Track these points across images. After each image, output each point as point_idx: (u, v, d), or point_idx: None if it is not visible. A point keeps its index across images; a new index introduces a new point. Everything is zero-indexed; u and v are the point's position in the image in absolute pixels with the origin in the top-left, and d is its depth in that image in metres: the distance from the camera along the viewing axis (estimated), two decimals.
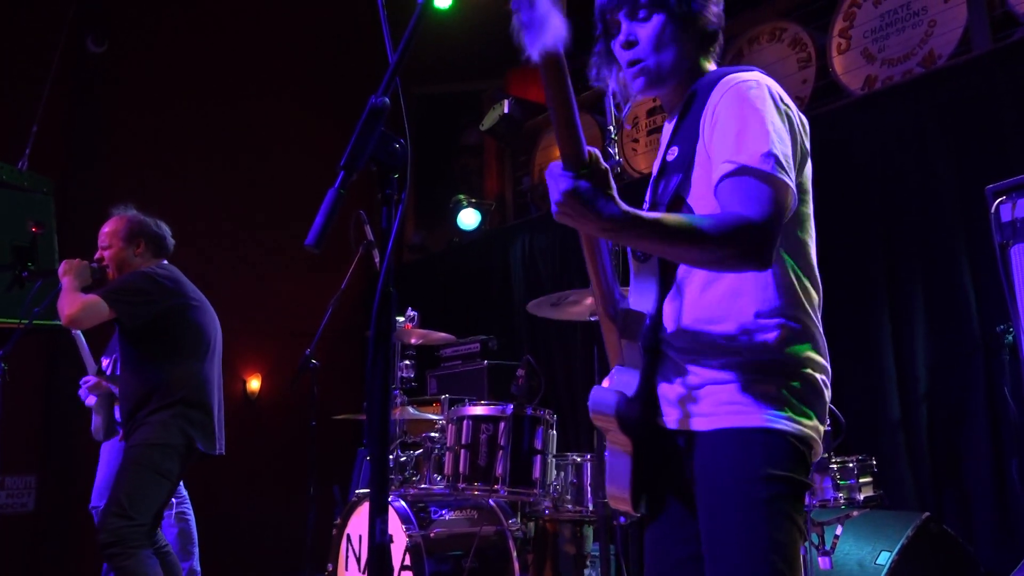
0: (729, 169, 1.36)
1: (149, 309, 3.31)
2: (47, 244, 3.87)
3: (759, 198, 1.33)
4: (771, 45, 5.09)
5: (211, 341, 3.52)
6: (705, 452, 1.43)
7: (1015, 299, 2.73)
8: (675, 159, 1.52)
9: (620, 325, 1.51)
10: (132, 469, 3.20)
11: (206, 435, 3.38)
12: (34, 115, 4.45)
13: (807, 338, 1.45)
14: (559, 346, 5.67)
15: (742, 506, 1.36)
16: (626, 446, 1.49)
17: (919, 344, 3.88)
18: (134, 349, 3.39)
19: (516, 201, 6.91)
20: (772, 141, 1.36)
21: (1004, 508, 3.51)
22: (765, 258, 1.32)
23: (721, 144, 1.40)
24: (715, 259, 1.34)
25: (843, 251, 4.12)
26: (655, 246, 1.38)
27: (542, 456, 3.26)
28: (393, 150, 1.24)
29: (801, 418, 1.40)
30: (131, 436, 3.31)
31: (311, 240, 1.17)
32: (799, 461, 1.40)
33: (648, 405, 1.49)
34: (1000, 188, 2.86)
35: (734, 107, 1.42)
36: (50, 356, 5.65)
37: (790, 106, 1.47)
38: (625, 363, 1.53)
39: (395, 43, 1.29)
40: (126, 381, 3.43)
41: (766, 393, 1.39)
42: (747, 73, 1.47)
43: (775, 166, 1.34)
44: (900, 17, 4.54)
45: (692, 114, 1.52)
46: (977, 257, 3.67)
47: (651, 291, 1.53)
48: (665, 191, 1.51)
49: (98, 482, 4.18)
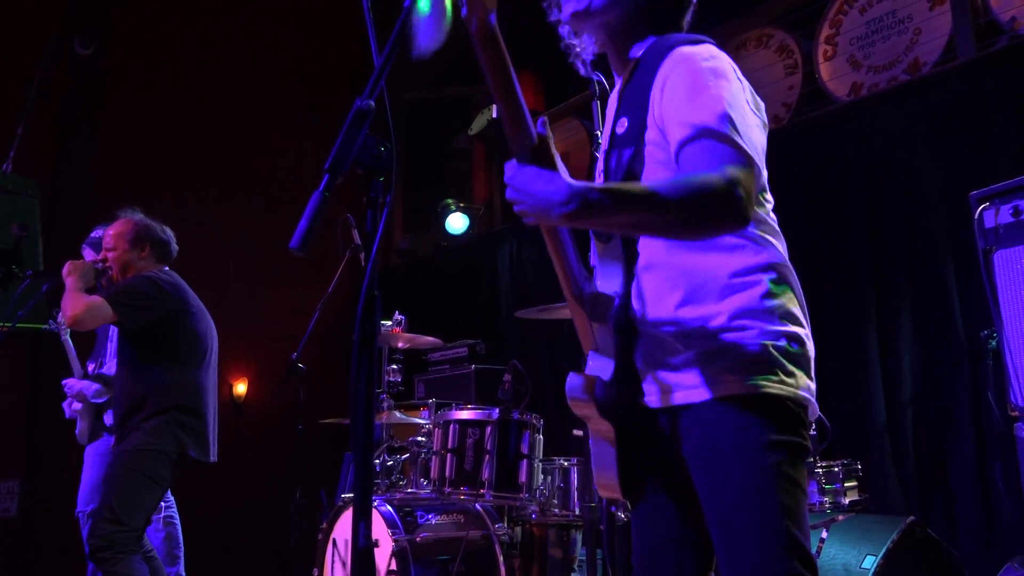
0: (687, 134, 1.32)
1: (151, 314, 3.32)
2: (31, 247, 3.84)
3: (723, 157, 1.29)
4: (758, 51, 5.12)
5: (208, 349, 3.54)
6: (699, 424, 1.39)
7: (998, 305, 2.75)
8: (625, 131, 1.48)
9: (588, 308, 1.48)
10: (124, 474, 3.19)
11: (199, 442, 3.38)
12: (20, 117, 4.41)
13: (786, 289, 1.43)
14: (546, 350, 5.68)
15: (748, 475, 1.34)
16: (608, 433, 1.47)
17: (905, 349, 3.90)
18: (133, 352, 3.39)
19: (504, 205, 6.90)
20: (727, 104, 1.33)
21: (988, 512, 3.53)
22: (739, 213, 1.25)
23: (675, 111, 1.37)
24: (683, 223, 1.28)
25: (829, 257, 4.14)
26: (614, 220, 1.30)
27: (529, 460, 3.26)
28: (378, 153, 1.25)
29: (792, 378, 1.39)
30: (124, 440, 3.29)
31: (295, 243, 1.17)
32: (797, 423, 1.39)
33: (627, 387, 1.46)
34: (983, 194, 2.88)
35: (687, 74, 1.38)
36: (34, 359, 5.61)
37: (742, 79, 1.45)
38: (599, 348, 1.50)
39: (381, 46, 1.29)
40: (122, 383, 3.43)
41: (755, 358, 1.37)
42: (699, 45, 1.43)
43: (731, 128, 1.31)
44: (886, 25, 4.57)
45: (639, 81, 1.47)
46: (962, 263, 3.70)
47: (617, 272, 1.49)
48: (619, 165, 1.47)
49: (83, 487, 4.15)
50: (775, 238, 1.48)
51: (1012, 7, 4.08)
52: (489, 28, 1.17)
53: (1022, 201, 2.73)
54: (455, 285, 6.70)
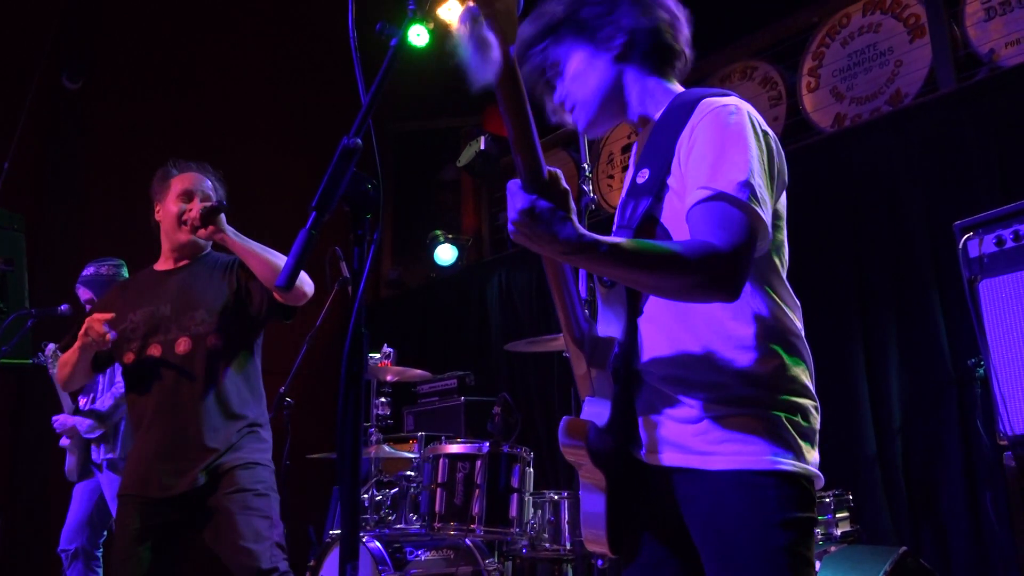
0: (703, 196, 1.31)
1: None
2: (17, 281, 3.82)
3: (730, 226, 1.28)
4: (742, 83, 5.18)
5: None
6: (705, 493, 1.35)
7: (984, 334, 2.76)
8: (645, 181, 1.47)
9: (588, 352, 1.45)
10: (271, 496, 2.63)
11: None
12: (6, 151, 4.41)
13: (799, 362, 1.41)
14: (536, 382, 5.66)
15: (759, 555, 1.30)
16: (600, 482, 1.41)
17: (893, 378, 3.91)
18: (254, 353, 2.84)
19: (493, 237, 6.93)
20: (751, 171, 1.32)
21: (980, 541, 3.52)
22: (732, 288, 1.27)
23: (697, 169, 1.35)
24: (678, 287, 1.29)
25: (815, 287, 4.16)
26: (614, 272, 1.32)
27: (519, 494, 3.23)
28: (365, 191, 1.25)
29: (805, 453, 1.36)
30: (249, 453, 2.65)
31: (281, 280, 1.16)
32: (809, 499, 1.36)
33: (623, 436, 1.42)
34: (967, 224, 2.91)
35: (713, 132, 1.36)
36: (19, 394, 5.54)
37: (768, 132, 1.43)
38: (595, 393, 1.45)
39: (368, 83, 1.29)
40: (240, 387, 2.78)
41: (768, 430, 1.33)
42: (725, 98, 1.42)
43: (750, 196, 1.29)
44: (867, 57, 4.65)
45: (664, 133, 1.46)
46: (947, 292, 3.73)
47: (620, 318, 1.47)
48: (634, 214, 1.46)
49: (68, 524, 4.09)
50: (792, 307, 1.46)
51: (990, 40, 4.16)
52: (508, 63, 1.18)
53: (1006, 231, 2.76)
54: (444, 317, 6.69)
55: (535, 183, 1.24)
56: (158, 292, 2.73)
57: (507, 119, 1.22)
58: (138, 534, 2.51)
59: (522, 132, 1.22)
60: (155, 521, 2.53)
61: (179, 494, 2.52)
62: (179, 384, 2.59)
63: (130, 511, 2.55)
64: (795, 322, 1.45)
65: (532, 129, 1.23)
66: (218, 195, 2.86)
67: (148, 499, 2.55)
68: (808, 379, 1.43)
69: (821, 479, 1.40)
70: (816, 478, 1.39)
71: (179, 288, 2.71)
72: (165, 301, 2.69)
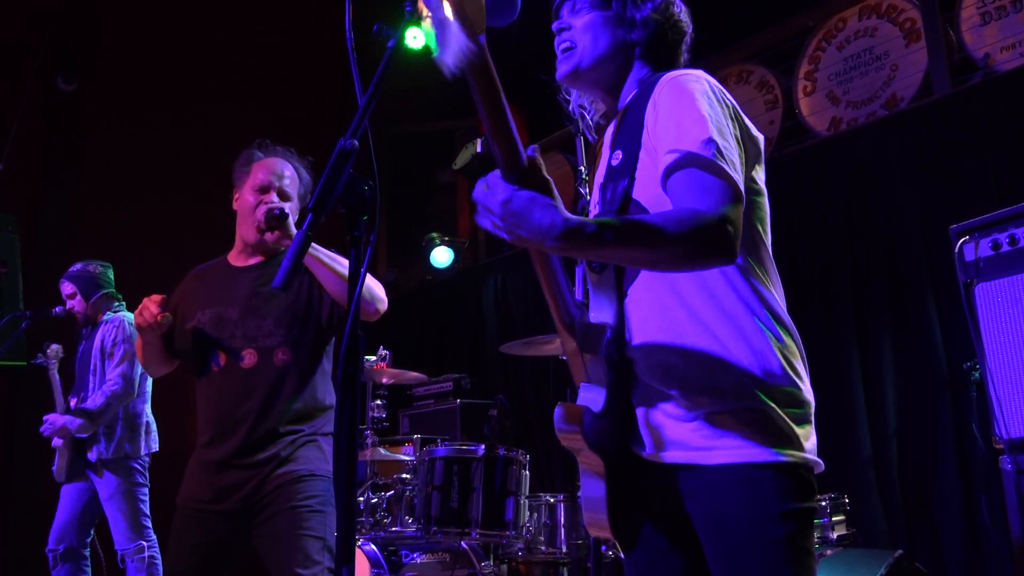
0: (673, 159, 1.32)
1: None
2: (11, 283, 3.81)
3: (710, 189, 1.28)
4: (738, 87, 5.19)
5: None
6: (705, 487, 1.35)
7: (980, 338, 2.77)
8: (619, 163, 1.48)
9: (579, 338, 1.45)
10: (326, 512, 2.42)
11: None
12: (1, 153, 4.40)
13: (790, 341, 1.41)
14: (532, 385, 5.65)
15: (760, 547, 1.31)
16: (598, 467, 1.41)
17: (888, 382, 3.91)
18: (323, 361, 2.57)
19: (489, 239, 6.92)
20: (710, 128, 1.32)
21: (975, 545, 3.53)
22: (727, 250, 1.25)
23: (664, 136, 1.36)
24: (675, 257, 1.28)
25: (810, 290, 4.17)
26: (608, 253, 1.30)
27: (515, 497, 3.23)
28: (361, 192, 1.24)
29: (802, 440, 1.35)
30: (307, 463, 2.45)
31: (278, 282, 1.16)
32: (808, 489, 1.36)
33: (619, 423, 1.41)
34: (963, 228, 2.91)
35: (673, 98, 1.38)
36: (12, 397, 5.52)
37: (731, 101, 1.44)
38: (590, 379, 1.45)
39: (365, 84, 1.29)
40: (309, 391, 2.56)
41: (763, 422, 1.33)
42: (687, 71, 1.45)
43: (716, 153, 1.29)
44: (863, 61, 4.66)
45: (633, 113, 1.48)
46: (943, 295, 3.73)
47: (610, 303, 1.46)
48: (613, 196, 1.46)
49: (56, 524, 4.07)
50: (775, 285, 1.46)
51: (985, 44, 4.18)
52: (479, 51, 1.18)
53: (1001, 235, 2.77)
54: (440, 319, 6.68)
55: (514, 171, 1.23)
56: (227, 292, 2.52)
57: (481, 107, 1.22)
58: (192, 547, 2.38)
59: (496, 120, 1.22)
60: (209, 535, 2.39)
61: (232, 508, 2.38)
62: (241, 398, 2.41)
63: (185, 523, 2.42)
64: (777, 296, 1.44)
65: (507, 116, 1.22)
66: (302, 186, 2.64)
67: (203, 512, 2.41)
68: (799, 359, 1.42)
69: (820, 465, 1.39)
70: (815, 465, 1.39)
71: (249, 290, 2.50)
72: (233, 304, 2.49)
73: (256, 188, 2.54)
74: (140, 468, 4.10)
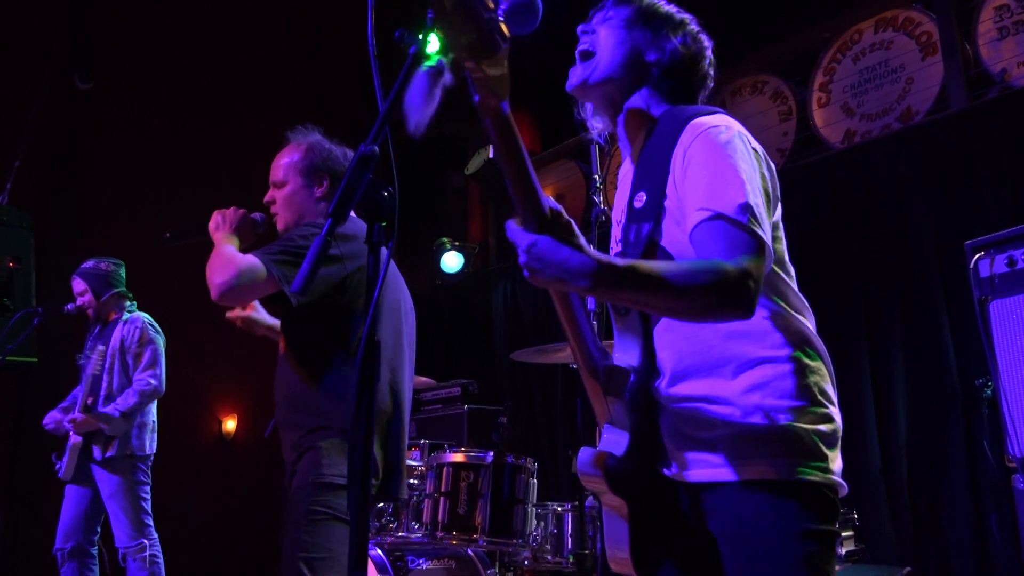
0: (704, 216, 1.33)
1: (330, 275, 2.21)
2: (24, 280, 3.82)
3: (737, 245, 1.29)
4: (753, 97, 5.18)
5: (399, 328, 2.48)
6: (729, 505, 1.36)
7: (994, 355, 2.75)
8: (643, 205, 1.48)
9: (603, 382, 1.46)
10: (330, 525, 2.12)
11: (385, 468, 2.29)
12: (16, 150, 4.42)
13: (820, 366, 1.42)
14: (540, 391, 5.64)
15: (781, 565, 1.31)
16: (621, 508, 1.43)
17: (899, 397, 3.89)
18: (301, 341, 2.33)
19: (499, 245, 6.92)
20: (747, 192, 1.33)
21: (984, 563, 3.50)
22: (746, 306, 1.27)
23: (694, 192, 1.37)
24: (694, 308, 1.30)
25: (822, 303, 4.11)
26: (631, 295, 1.31)
27: (523, 505, 3.21)
28: (381, 198, 1.24)
29: (829, 463, 1.36)
30: (298, 464, 2.24)
31: (297, 286, 1.15)
32: (831, 510, 1.36)
33: (642, 460, 1.43)
34: (978, 244, 2.89)
35: (706, 154, 1.38)
36: (19, 394, 5.53)
37: (758, 149, 1.45)
38: (613, 422, 1.47)
39: (386, 91, 1.29)
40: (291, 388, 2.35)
41: (790, 442, 1.34)
42: (713, 116, 1.45)
43: (750, 219, 1.31)
44: (879, 74, 4.64)
45: (655, 153, 1.48)
46: (955, 310, 3.71)
47: (635, 344, 1.48)
48: (638, 239, 1.47)
49: (63, 523, 4.07)
50: (804, 311, 1.48)
51: (1002, 59, 4.16)
52: (502, 116, 1.19)
53: (1017, 251, 2.75)
54: (449, 324, 6.68)
55: (537, 221, 1.24)
56: None
57: (504, 165, 1.23)
58: None
59: (519, 176, 1.23)
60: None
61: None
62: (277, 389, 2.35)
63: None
64: (807, 324, 1.46)
65: (530, 171, 1.24)
66: (303, 160, 2.55)
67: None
68: (828, 382, 1.43)
69: (844, 487, 1.40)
70: (839, 487, 1.39)
71: None
72: None
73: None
74: (144, 467, 4.10)
